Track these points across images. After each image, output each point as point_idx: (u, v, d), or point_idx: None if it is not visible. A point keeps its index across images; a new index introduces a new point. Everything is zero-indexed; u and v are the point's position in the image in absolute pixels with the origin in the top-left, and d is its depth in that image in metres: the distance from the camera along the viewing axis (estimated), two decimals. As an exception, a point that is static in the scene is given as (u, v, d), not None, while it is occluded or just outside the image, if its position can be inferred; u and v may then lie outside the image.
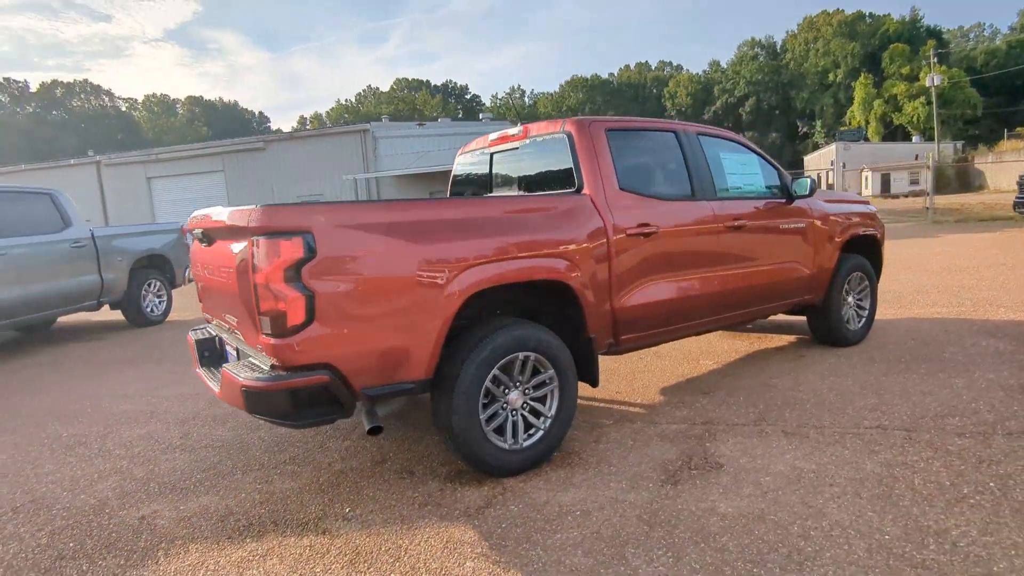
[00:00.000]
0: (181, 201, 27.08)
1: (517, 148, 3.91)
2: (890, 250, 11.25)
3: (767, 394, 3.95)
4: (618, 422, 3.67)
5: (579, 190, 3.40)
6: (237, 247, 2.61)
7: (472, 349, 2.83)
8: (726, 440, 3.28)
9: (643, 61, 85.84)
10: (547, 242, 3.07)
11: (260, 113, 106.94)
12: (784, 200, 4.39)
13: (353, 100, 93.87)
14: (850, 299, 4.95)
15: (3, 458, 3.78)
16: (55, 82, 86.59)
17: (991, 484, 2.62)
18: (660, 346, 5.27)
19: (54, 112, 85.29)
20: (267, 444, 3.69)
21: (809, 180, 4.33)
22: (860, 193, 43.31)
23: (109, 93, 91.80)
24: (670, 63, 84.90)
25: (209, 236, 2.97)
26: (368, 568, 2.34)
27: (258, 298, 2.43)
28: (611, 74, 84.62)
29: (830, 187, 40.55)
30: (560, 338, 3.18)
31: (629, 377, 4.55)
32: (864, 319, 5.05)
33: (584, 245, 3.22)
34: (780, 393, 3.95)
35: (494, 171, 4.14)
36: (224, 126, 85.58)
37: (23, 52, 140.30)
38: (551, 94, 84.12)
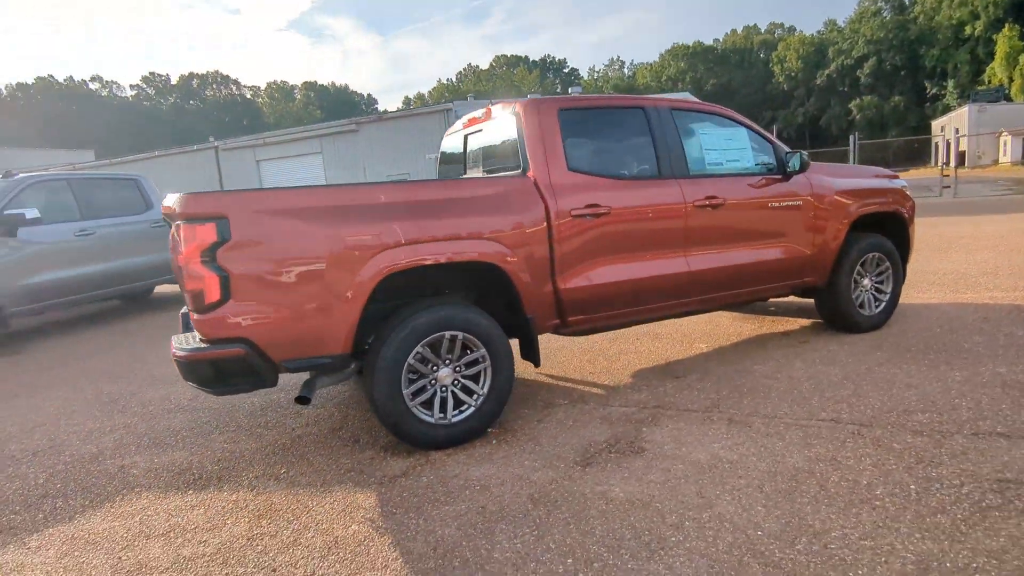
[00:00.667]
0: (286, 182, 29.06)
1: (482, 130, 3.95)
2: (985, 226, 10.05)
3: (739, 380, 3.78)
4: (573, 402, 3.69)
5: (524, 172, 3.41)
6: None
7: (393, 328, 2.97)
8: (665, 425, 3.21)
9: (751, 24, 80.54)
10: (474, 225, 3.12)
11: (369, 95, 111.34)
12: (778, 176, 4.12)
13: (453, 79, 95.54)
14: (865, 282, 4.56)
15: (52, 410, 4.41)
16: (192, 74, 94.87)
17: (912, 487, 2.41)
18: (659, 327, 5.17)
19: (191, 101, 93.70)
20: (253, 408, 4.05)
21: (799, 155, 4.03)
22: (996, 161, 38.54)
23: (236, 82, 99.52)
24: (781, 25, 79.02)
25: (165, 221, 3.30)
26: (268, 523, 2.57)
27: (182, 277, 2.70)
28: (716, 40, 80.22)
29: (961, 155, 36.35)
30: (497, 318, 3.25)
31: (613, 358, 4.51)
32: (883, 304, 4.64)
33: (519, 227, 3.24)
34: (754, 379, 3.77)
35: (467, 152, 4.21)
36: (335, 109, 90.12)
37: (169, 48, 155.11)
38: (650, 64, 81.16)
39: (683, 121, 3.91)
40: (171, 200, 2.83)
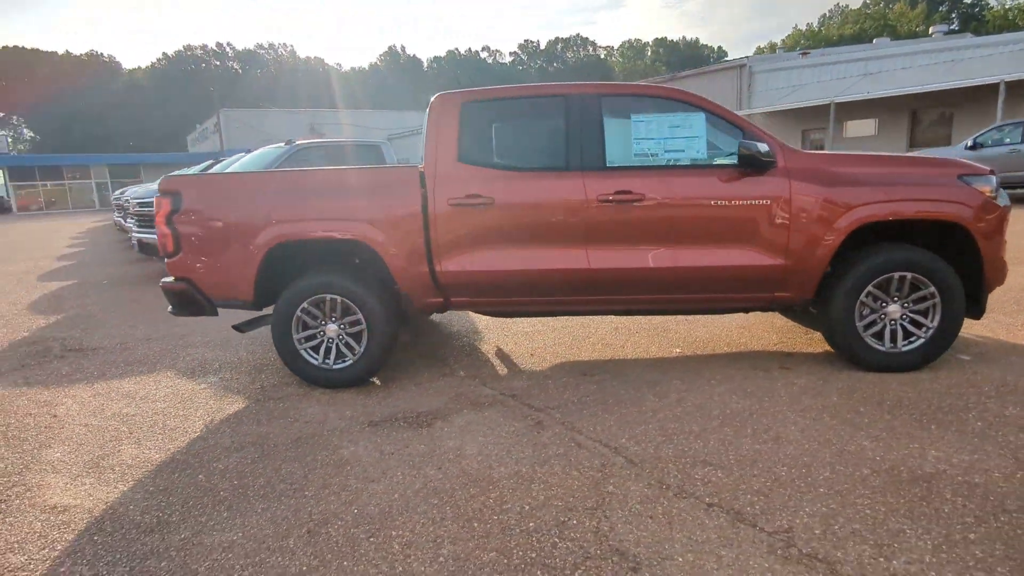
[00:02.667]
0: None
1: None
2: None
3: (628, 391, 3.52)
4: (470, 376, 3.96)
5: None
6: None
7: (288, 286, 3.78)
8: (485, 412, 3.34)
9: None
10: (353, 209, 3.66)
11: (719, 47, 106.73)
12: (744, 170, 3.48)
13: (814, 24, 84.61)
14: (892, 308, 3.50)
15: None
16: (557, 39, 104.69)
17: (532, 524, 2.27)
18: (672, 323, 4.82)
19: (554, 64, 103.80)
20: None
21: (755, 145, 3.33)
22: None
23: (593, 43, 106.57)
24: None
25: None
26: (177, 407, 3.71)
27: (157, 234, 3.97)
28: None
29: None
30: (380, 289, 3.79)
31: (576, 346, 4.47)
32: (920, 341, 3.50)
33: (394, 213, 3.64)
34: (643, 394, 3.46)
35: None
36: (682, 64, 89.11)
37: (547, 14, 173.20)
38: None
39: (613, 109, 3.62)
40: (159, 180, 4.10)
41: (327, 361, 3.84)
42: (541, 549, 2.12)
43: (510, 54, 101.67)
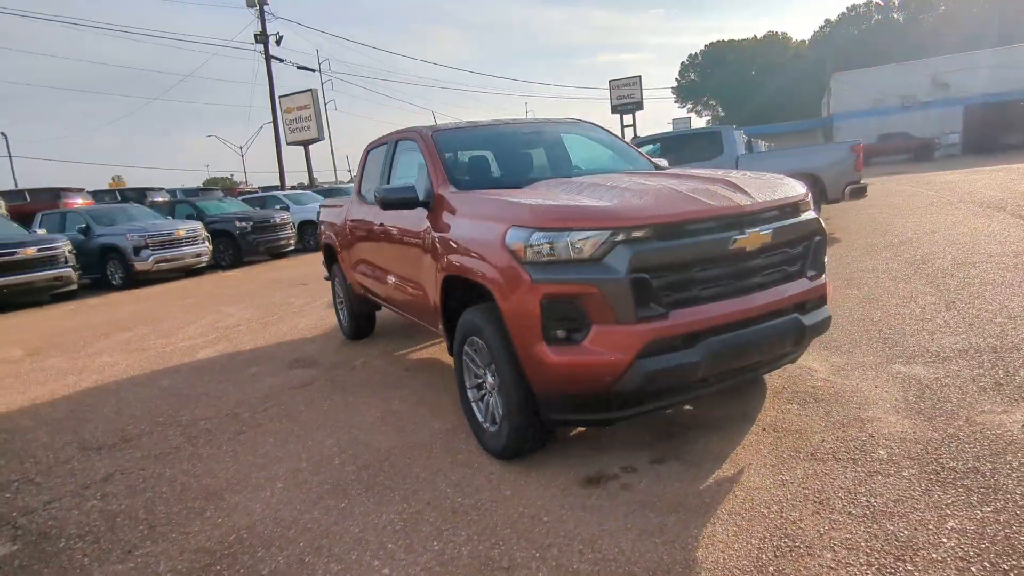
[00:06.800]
0: None
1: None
2: None
3: (388, 379, 4.27)
4: (373, 353, 5.26)
5: (363, 195, 5.24)
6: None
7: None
8: (304, 370, 4.80)
9: None
10: (329, 223, 5.56)
11: None
12: (420, 207, 3.57)
13: None
14: (490, 378, 2.91)
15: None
16: None
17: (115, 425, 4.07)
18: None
19: None
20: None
21: (381, 190, 3.39)
22: None
23: None
24: None
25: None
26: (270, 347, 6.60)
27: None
28: None
29: None
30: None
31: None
32: (495, 428, 2.81)
33: (337, 227, 5.34)
34: (377, 389, 4.14)
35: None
36: None
37: None
38: None
39: (401, 150, 4.22)
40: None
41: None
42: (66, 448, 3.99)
43: None
